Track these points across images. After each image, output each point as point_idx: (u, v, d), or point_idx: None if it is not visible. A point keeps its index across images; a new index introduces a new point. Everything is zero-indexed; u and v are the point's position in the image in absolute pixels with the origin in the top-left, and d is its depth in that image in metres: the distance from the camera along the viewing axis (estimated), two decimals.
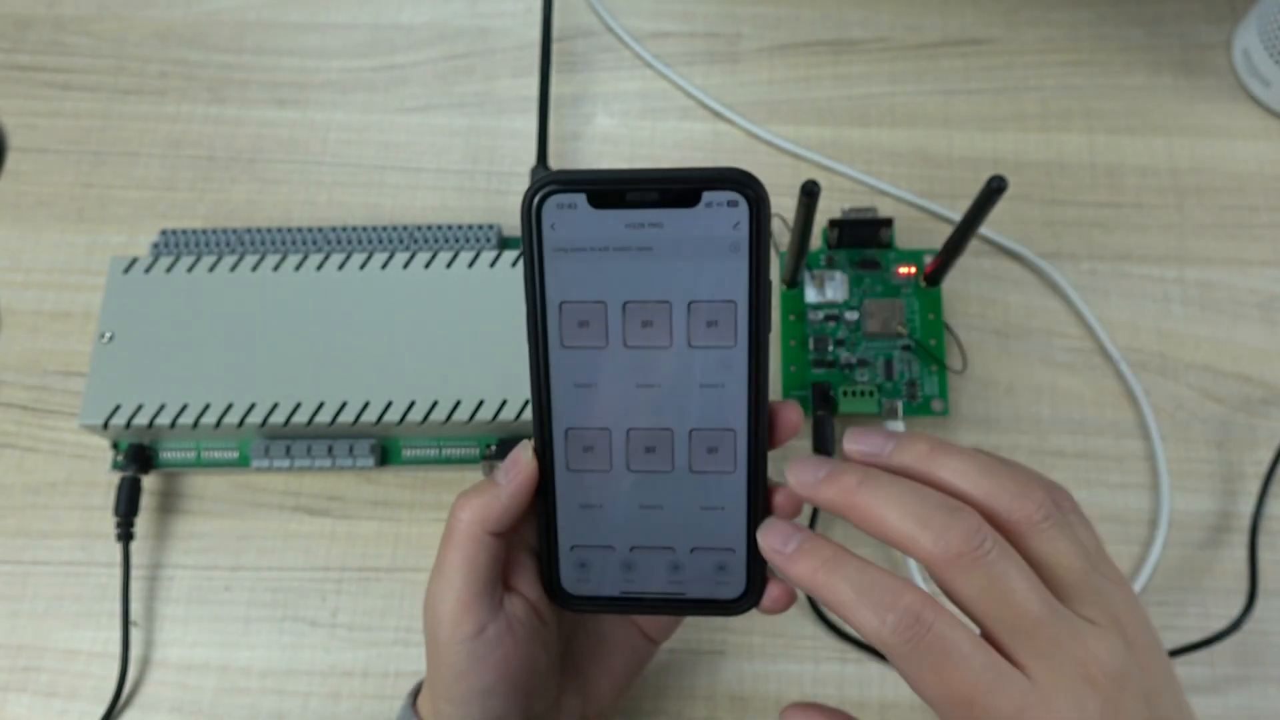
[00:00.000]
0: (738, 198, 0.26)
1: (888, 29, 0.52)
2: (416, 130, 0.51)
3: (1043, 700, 0.24)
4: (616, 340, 0.28)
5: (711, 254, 0.27)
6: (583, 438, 0.29)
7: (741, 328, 0.27)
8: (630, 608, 0.31)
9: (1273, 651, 0.41)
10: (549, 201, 0.27)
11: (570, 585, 0.30)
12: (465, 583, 0.29)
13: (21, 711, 0.41)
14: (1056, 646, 0.25)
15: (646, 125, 0.51)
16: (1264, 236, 0.47)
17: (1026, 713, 0.24)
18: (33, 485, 0.44)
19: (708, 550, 0.29)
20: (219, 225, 0.46)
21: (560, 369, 0.28)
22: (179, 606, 0.42)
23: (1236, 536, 0.42)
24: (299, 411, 0.40)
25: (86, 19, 0.53)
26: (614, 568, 0.30)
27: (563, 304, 0.28)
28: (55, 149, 0.50)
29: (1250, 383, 0.45)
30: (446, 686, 0.29)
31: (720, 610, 0.30)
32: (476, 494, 0.29)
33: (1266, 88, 0.49)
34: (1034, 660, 0.25)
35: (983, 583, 0.25)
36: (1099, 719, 0.24)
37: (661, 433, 0.29)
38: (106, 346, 0.42)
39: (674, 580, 0.30)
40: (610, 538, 0.30)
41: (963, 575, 0.25)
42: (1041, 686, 0.24)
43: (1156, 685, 0.25)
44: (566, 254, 0.28)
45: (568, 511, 0.30)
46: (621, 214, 0.27)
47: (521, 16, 0.53)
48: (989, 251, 0.47)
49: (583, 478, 0.29)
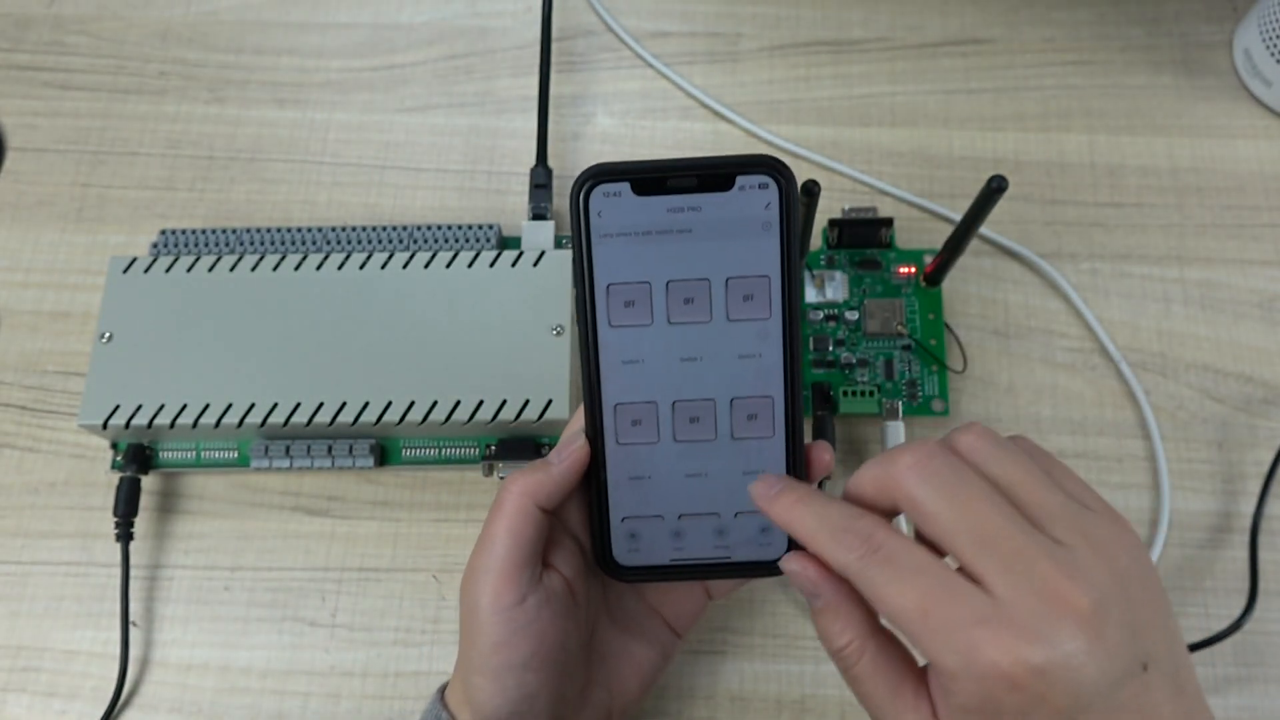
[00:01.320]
0: (768, 180, 0.29)
1: (888, 28, 0.52)
2: (416, 130, 0.51)
3: (1000, 613, 0.24)
4: (660, 317, 0.30)
5: (746, 233, 0.29)
6: (631, 412, 0.31)
7: (775, 300, 0.30)
8: (680, 574, 0.32)
9: (1274, 651, 0.41)
10: (596, 191, 0.29)
11: (622, 556, 0.32)
12: (510, 553, 0.30)
13: (20, 712, 0.41)
14: (1019, 559, 0.24)
15: (646, 125, 0.51)
16: (1265, 236, 0.47)
17: (985, 624, 0.24)
18: (32, 485, 0.44)
19: (751, 513, 0.31)
20: (218, 225, 0.46)
21: (609, 347, 0.30)
22: (178, 607, 0.42)
23: (1237, 537, 0.42)
24: (298, 411, 0.40)
25: (86, 18, 0.53)
26: (663, 536, 0.31)
27: (610, 286, 0.30)
28: (55, 148, 0.50)
29: (1251, 383, 0.45)
30: (483, 658, 0.30)
31: (765, 571, 0.31)
32: (529, 470, 0.30)
33: (1268, 87, 0.49)
34: (995, 575, 0.24)
35: (943, 494, 0.25)
36: (1072, 643, 0.23)
37: (705, 403, 0.30)
38: (106, 346, 0.42)
39: (720, 545, 0.31)
40: (659, 507, 0.31)
41: (923, 487, 0.25)
42: (1000, 600, 0.24)
43: (1145, 620, 0.24)
44: (612, 239, 0.29)
45: (618, 484, 0.31)
46: (663, 200, 0.29)
47: (521, 16, 0.53)
48: (989, 251, 0.47)
49: (632, 450, 0.31)
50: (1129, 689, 0.24)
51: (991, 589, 0.24)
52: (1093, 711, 0.24)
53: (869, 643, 0.27)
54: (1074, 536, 0.25)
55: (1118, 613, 0.24)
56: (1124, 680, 0.24)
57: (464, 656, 0.31)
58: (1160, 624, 0.25)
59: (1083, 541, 0.25)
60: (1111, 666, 0.23)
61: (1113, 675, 0.23)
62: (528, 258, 0.43)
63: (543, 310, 0.42)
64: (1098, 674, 0.23)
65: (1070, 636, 0.23)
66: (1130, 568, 0.25)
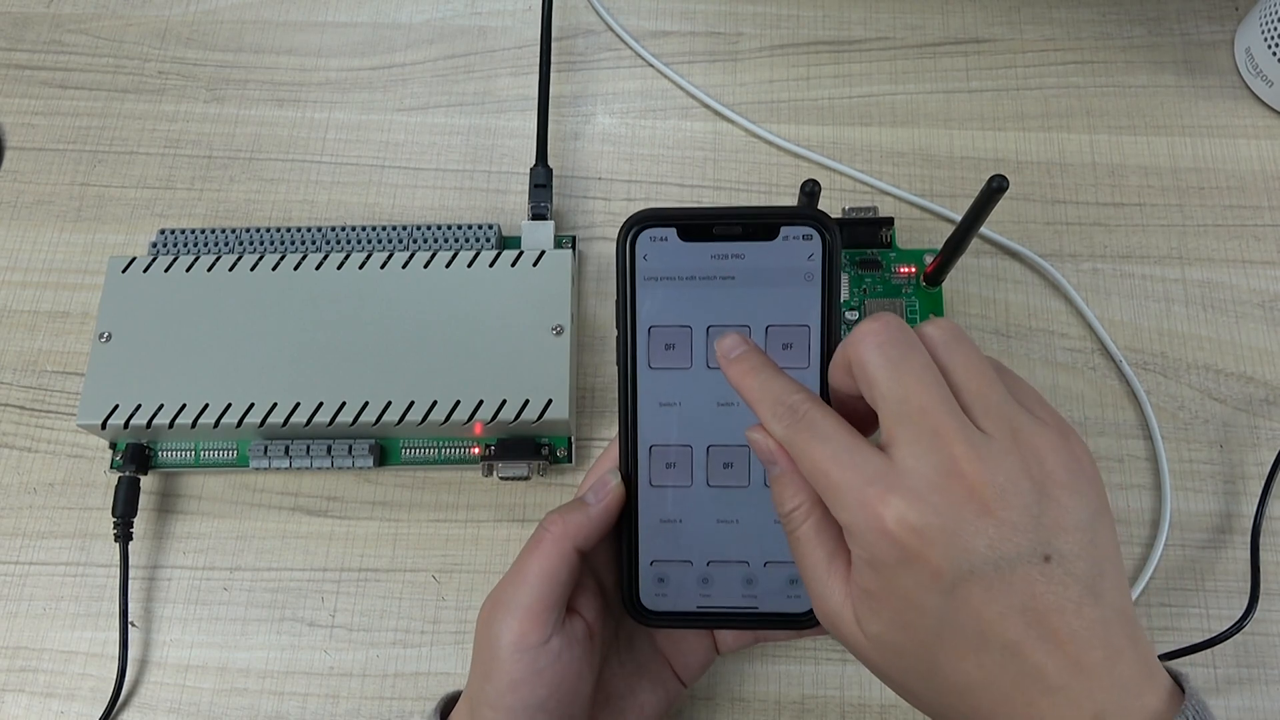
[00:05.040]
0: (812, 232, 0.30)
1: (888, 28, 0.52)
2: (416, 130, 0.51)
3: (893, 477, 0.25)
4: (700, 361, 0.30)
5: (788, 282, 0.30)
6: (666, 454, 0.31)
7: (814, 350, 0.30)
8: (706, 622, 0.32)
9: (1275, 652, 0.40)
10: (643, 235, 0.30)
11: (649, 600, 0.31)
12: (541, 594, 0.30)
13: (19, 712, 0.41)
14: (934, 436, 0.25)
15: (646, 124, 0.50)
16: (1266, 236, 0.47)
17: (876, 484, 0.25)
18: (30, 485, 0.44)
19: (780, 563, 0.31)
20: (217, 224, 0.46)
21: (647, 389, 0.30)
22: (177, 607, 0.42)
23: (1238, 537, 0.42)
24: (298, 411, 0.40)
25: (85, 18, 0.53)
26: (691, 582, 0.31)
27: (651, 328, 0.30)
28: (53, 148, 0.50)
29: (1252, 383, 0.45)
30: (498, 694, 0.30)
31: (791, 624, 0.31)
32: (567, 510, 0.30)
33: (1269, 86, 0.49)
34: (903, 444, 0.25)
35: (887, 362, 0.26)
36: (954, 512, 0.24)
37: (739, 449, 0.31)
38: (104, 346, 0.42)
39: (748, 594, 0.31)
40: (688, 552, 0.31)
41: (872, 352, 0.26)
42: (899, 467, 0.25)
43: (1059, 520, 0.25)
44: (656, 282, 0.30)
45: (649, 526, 0.31)
46: (708, 246, 0.30)
47: (521, 15, 0.53)
48: (990, 251, 0.47)
49: (664, 493, 0.31)
50: (1020, 572, 0.24)
51: (895, 456, 0.25)
52: (973, 581, 0.24)
53: (814, 510, 0.27)
54: (1000, 430, 0.25)
55: (1019, 500, 0.24)
56: (1015, 563, 0.24)
57: (477, 687, 0.30)
58: (1082, 529, 0.25)
59: (1008, 436, 0.25)
60: (1000, 544, 0.24)
61: (1000, 553, 0.24)
62: (528, 258, 0.43)
63: (543, 310, 0.42)
64: (982, 547, 0.24)
65: (953, 505, 0.24)
66: (1057, 473, 0.25)
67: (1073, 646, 0.24)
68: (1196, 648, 0.39)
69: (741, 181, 0.49)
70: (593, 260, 0.47)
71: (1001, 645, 0.24)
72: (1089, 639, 0.24)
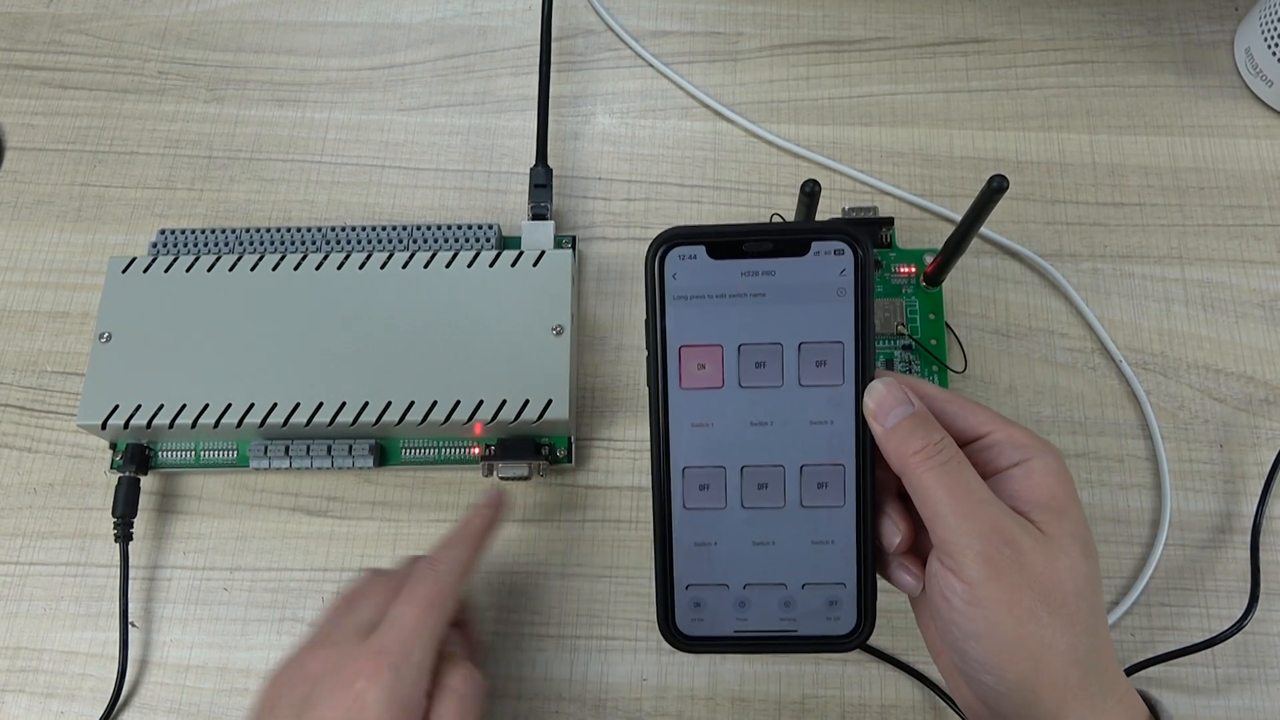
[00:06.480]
0: (844, 247, 0.29)
1: (888, 28, 0.52)
2: (416, 130, 0.51)
3: (1049, 551, 0.27)
4: (732, 380, 0.30)
5: (820, 298, 0.29)
6: (699, 476, 0.30)
7: (849, 366, 0.29)
8: (744, 647, 0.31)
9: (1275, 652, 0.40)
10: (671, 253, 0.29)
11: (685, 625, 0.31)
12: None
13: (19, 712, 0.41)
14: (1061, 516, 0.28)
15: (646, 124, 0.50)
16: (1266, 236, 0.47)
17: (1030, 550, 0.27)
18: (31, 485, 0.44)
19: (819, 585, 0.30)
20: (217, 225, 0.46)
21: (679, 410, 0.30)
22: (177, 607, 0.42)
23: (1239, 537, 0.42)
24: (298, 412, 0.40)
25: (85, 18, 0.53)
26: (728, 606, 0.31)
27: (682, 348, 0.30)
28: (53, 148, 0.50)
29: (1252, 383, 0.45)
30: None
31: (831, 646, 0.31)
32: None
33: (1269, 86, 0.49)
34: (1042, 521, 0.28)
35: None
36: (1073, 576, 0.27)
37: (774, 469, 0.30)
38: (105, 346, 0.42)
39: (786, 617, 0.31)
40: (724, 575, 0.30)
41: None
42: (1053, 540, 0.27)
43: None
44: (686, 301, 0.29)
45: (684, 550, 0.30)
46: (737, 263, 0.29)
47: (521, 15, 0.53)
48: (990, 251, 0.47)
49: (698, 516, 0.30)
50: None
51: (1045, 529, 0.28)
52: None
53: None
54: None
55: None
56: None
57: None
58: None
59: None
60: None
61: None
62: (528, 257, 0.43)
63: (543, 310, 0.42)
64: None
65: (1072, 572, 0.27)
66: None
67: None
68: (1196, 648, 0.39)
69: (741, 181, 0.49)
70: (593, 260, 0.47)
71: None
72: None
